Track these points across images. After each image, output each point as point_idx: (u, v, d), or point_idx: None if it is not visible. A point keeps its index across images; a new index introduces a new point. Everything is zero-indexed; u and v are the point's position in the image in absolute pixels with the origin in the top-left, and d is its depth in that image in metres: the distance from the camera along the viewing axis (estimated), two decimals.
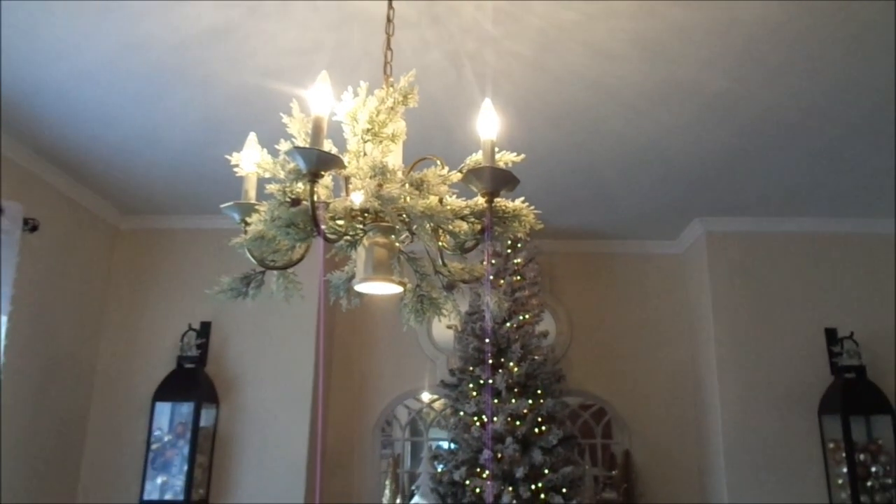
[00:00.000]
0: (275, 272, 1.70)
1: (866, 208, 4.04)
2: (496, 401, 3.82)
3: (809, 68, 2.64)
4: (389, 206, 1.42)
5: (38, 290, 3.62)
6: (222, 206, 1.67)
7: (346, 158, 1.55)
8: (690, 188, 3.83)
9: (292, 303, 1.86)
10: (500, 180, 1.46)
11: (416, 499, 4.19)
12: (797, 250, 4.25)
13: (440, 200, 1.55)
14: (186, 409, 3.95)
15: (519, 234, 1.61)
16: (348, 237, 1.55)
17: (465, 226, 1.56)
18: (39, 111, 3.04)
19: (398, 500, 4.02)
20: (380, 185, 1.45)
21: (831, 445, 3.88)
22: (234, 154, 1.68)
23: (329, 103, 1.44)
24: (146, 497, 3.82)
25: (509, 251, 4.21)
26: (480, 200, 1.52)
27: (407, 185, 1.51)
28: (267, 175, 1.63)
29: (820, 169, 3.54)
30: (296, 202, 1.46)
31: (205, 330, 4.18)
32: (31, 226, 3.40)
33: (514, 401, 3.80)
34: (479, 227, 1.55)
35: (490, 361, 3.90)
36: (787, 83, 2.74)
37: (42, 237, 3.55)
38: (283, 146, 1.56)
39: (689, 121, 3.06)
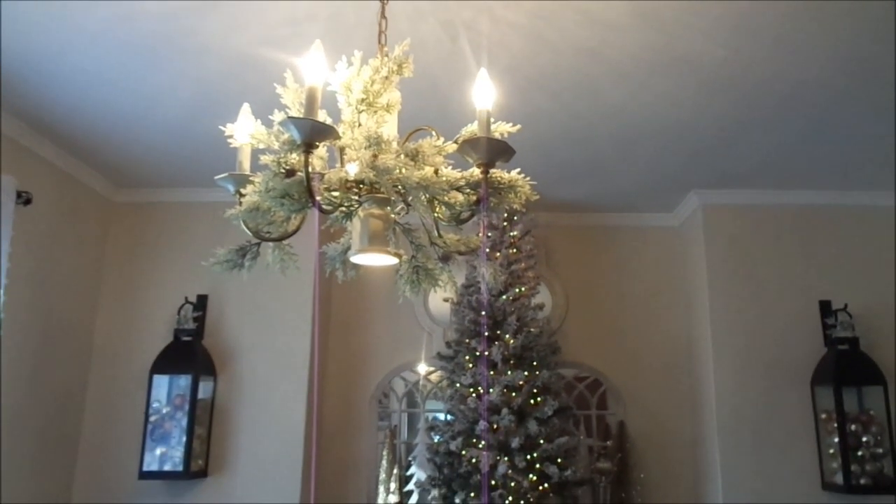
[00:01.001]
0: (270, 244, 1.70)
1: (864, 181, 4.03)
2: (492, 372, 3.85)
3: (809, 39, 2.61)
4: (385, 177, 1.42)
5: (33, 265, 3.62)
6: (217, 177, 1.66)
7: (340, 129, 1.53)
8: (688, 160, 3.82)
9: (288, 275, 1.86)
10: (495, 151, 1.45)
11: (412, 469, 4.24)
12: (793, 223, 4.26)
13: (436, 171, 1.54)
14: (184, 381, 3.97)
15: (515, 206, 1.61)
16: (343, 208, 1.54)
17: (460, 197, 1.55)
18: (30, 83, 3.00)
19: (395, 471, 4.06)
20: (375, 156, 1.44)
21: (823, 416, 3.92)
22: (228, 125, 1.67)
23: (323, 73, 1.42)
24: (145, 468, 3.85)
25: (505, 224, 4.21)
26: (476, 171, 1.51)
27: (402, 156, 1.50)
28: (261, 146, 1.62)
29: (818, 141, 3.53)
30: (290, 173, 1.45)
31: (201, 303, 4.19)
32: (24, 199, 3.38)
33: (509, 372, 3.83)
34: (474, 198, 1.55)
35: (486, 334, 3.92)
36: (786, 54, 2.72)
37: (36, 211, 3.53)
38: (278, 116, 1.54)
39: (687, 91, 3.04)
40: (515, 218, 4.24)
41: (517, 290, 4.05)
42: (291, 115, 1.54)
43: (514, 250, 4.17)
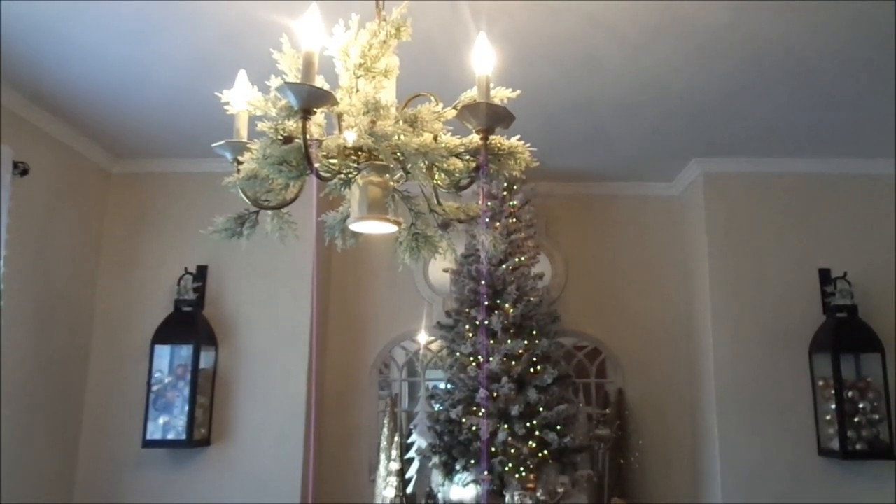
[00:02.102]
0: (269, 212, 1.69)
1: (866, 148, 4.01)
2: (492, 341, 3.86)
3: (812, 4, 2.57)
4: (383, 144, 1.41)
5: (32, 236, 3.61)
6: (214, 144, 1.65)
7: (338, 95, 1.52)
8: (689, 127, 3.79)
9: (288, 244, 1.86)
10: (495, 116, 1.44)
11: (413, 437, 4.29)
12: (794, 191, 4.24)
13: (435, 138, 1.53)
14: (186, 351, 3.99)
15: (514, 173, 1.60)
16: (342, 176, 1.53)
17: (459, 164, 1.54)
18: (25, 52, 2.96)
19: (396, 439, 4.11)
20: (373, 122, 1.43)
21: (821, 383, 3.95)
22: (225, 91, 1.65)
23: (320, 38, 1.40)
24: (149, 437, 3.89)
25: (505, 194, 4.20)
26: (475, 138, 1.50)
27: (401, 122, 1.48)
28: (258, 113, 1.61)
29: (820, 108, 3.50)
30: (288, 140, 1.44)
31: (201, 273, 4.19)
32: (21, 169, 3.36)
33: (509, 341, 3.85)
34: (474, 164, 1.53)
35: (486, 303, 3.93)
36: (789, 19, 2.68)
37: (33, 181, 3.51)
38: (274, 82, 1.53)
39: (688, 57, 3.00)
40: (515, 187, 4.22)
41: (517, 259, 4.05)
42: (288, 80, 1.53)
43: (514, 220, 4.16)
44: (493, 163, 1.53)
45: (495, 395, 3.75)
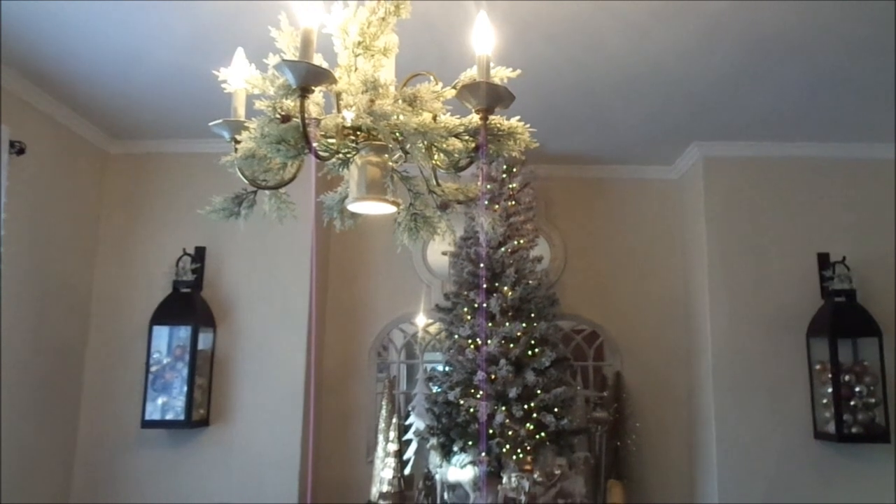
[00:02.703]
0: (267, 192, 1.68)
1: (866, 132, 3.99)
2: (490, 324, 3.87)
3: None
4: (382, 123, 1.39)
5: (30, 216, 3.60)
6: (211, 123, 1.63)
7: (336, 73, 1.50)
8: (689, 111, 3.77)
9: (286, 225, 1.85)
10: (495, 96, 1.42)
11: (411, 418, 4.31)
12: (794, 175, 4.23)
13: (434, 118, 1.51)
14: (184, 332, 3.99)
15: (514, 154, 1.58)
16: (340, 155, 1.52)
17: (459, 144, 1.53)
18: (21, 30, 2.93)
19: (394, 420, 4.12)
20: (372, 101, 1.41)
21: (818, 367, 3.96)
22: (222, 69, 1.63)
23: (319, 15, 1.38)
24: (148, 417, 3.91)
25: (504, 176, 4.18)
26: (475, 118, 1.49)
27: (400, 102, 1.47)
28: (256, 91, 1.59)
29: (820, 92, 3.48)
30: (286, 118, 1.43)
31: (199, 254, 4.18)
32: (17, 149, 3.34)
33: (507, 324, 3.85)
34: (473, 144, 1.52)
35: (484, 286, 3.93)
36: (790, 3, 2.65)
37: (30, 161, 3.49)
38: (272, 60, 1.51)
39: (690, 40, 2.98)
40: (514, 170, 4.21)
41: (516, 242, 4.04)
42: (286, 58, 1.51)
43: (513, 203, 4.15)
44: (493, 143, 1.51)
45: (493, 377, 3.76)
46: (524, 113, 1.64)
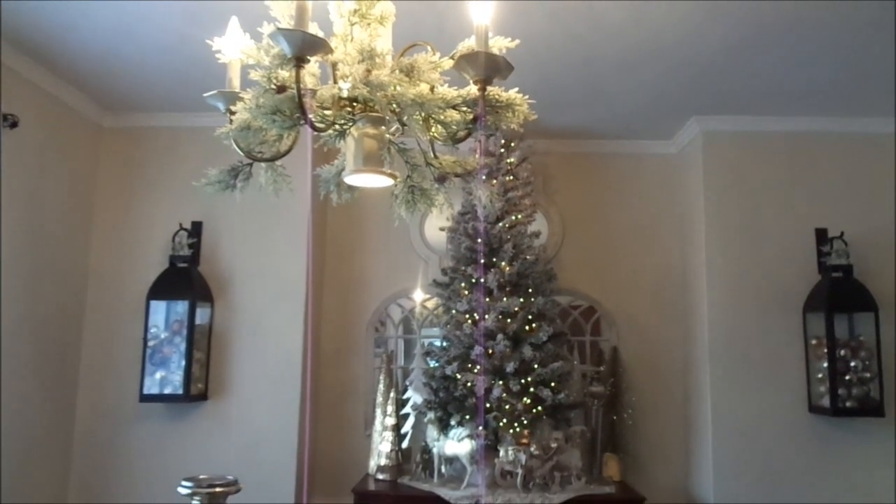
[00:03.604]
0: (263, 165, 1.67)
1: (866, 107, 3.96)
2: (488, 299, 3.87)
3: None
4: (379, 93, 1.38)
5: (24, 190, 3.57)
6: (206, 94, 1.61)
7: (332, 43, 1.48)
8: (688, 85, 3.73)
9: (282, 199, 1.84)
10: (493, 66, 1.41)
11: (408, 393, 4.33)
12: (793, 150, 4.21)
13: (431, 88, 1.49)
14: (181, 307, 3.99)
15: (512, 126, 1.57)
16: (336, 127, 1.50)
17: (456, 115, 1.51)
18: (13, 2, 2.89)
19: (392, 394, 4.14)
20: (368, 71, 1.39)
21: (814, 342, 3.98)
22: (216, 39, 1.61)
23: None
24: (146, 391, 3.92)
25: (502, 151, 4.15)
26: (473, 89, 1.47)
27: (396, 72, 1.45)
28: (251, 62, 1.57)
29: (820, 66, 3.44)
30: (281, 89, 1.41)
31: (196, 229, 4.17)
32: (10, 122, 3.31)
33: (505, 299, 3.86)
34: (471, 116, 1.51)
35: (482, 261, 3.92)
36: None
37: (23, 134, 3.46)
38: (267, 29, 1.48)
39: (689, 13, 2.94)
40: (512, 145, 4.18)
41: (513, 217, 4.03)
42: (281, 27, 1.48)
43: (511, 177, 4.13)
44: (491, 114, 1.50)
45: (490, 352, 3.77)
46: (522, 87, 1.62)
